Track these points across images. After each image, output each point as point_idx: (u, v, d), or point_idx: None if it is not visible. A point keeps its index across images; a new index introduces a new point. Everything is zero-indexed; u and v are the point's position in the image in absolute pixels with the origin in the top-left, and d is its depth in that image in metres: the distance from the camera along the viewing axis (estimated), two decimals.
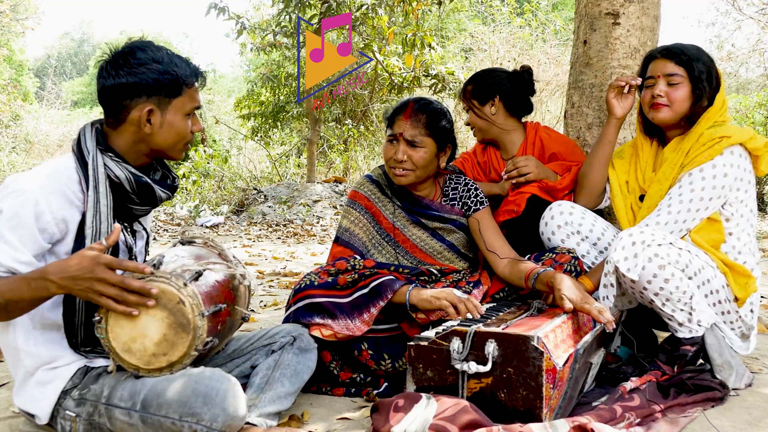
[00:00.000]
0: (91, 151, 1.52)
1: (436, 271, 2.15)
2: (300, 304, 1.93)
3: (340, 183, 10.59)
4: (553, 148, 2.50)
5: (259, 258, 5.66)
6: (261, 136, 12.53)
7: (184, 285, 1.43)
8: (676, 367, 1.93)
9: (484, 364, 1.55)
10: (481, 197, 2.24)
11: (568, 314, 1.81)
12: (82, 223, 1.49)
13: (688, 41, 2.17)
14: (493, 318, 1.78)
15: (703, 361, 1.94)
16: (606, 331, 1.83)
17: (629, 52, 2.64)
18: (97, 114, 18.70)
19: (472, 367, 1.55)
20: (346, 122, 11.92)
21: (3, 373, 2.13)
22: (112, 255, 1.53)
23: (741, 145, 2.00)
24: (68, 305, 1.48)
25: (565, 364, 1.60)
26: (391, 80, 9.28)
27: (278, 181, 11.90)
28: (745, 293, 2.02)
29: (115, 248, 1.55)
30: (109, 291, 1.36)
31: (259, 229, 8.41)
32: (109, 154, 1.53)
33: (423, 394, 1.55)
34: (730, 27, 13.37)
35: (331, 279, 1.97)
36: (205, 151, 11.48)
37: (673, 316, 1.93)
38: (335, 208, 9.33)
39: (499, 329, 1.60)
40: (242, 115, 12.79)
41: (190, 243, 1.73)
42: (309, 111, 10.38)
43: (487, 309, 1.94)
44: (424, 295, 1.87)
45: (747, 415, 1.75)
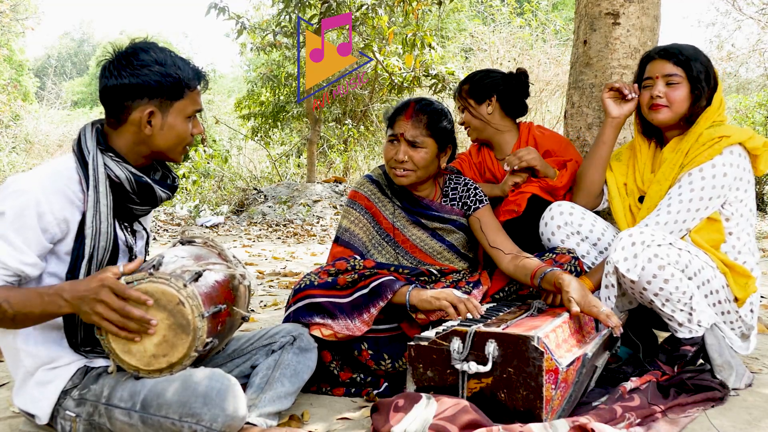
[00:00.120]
0: (91, 150, 1.52)
1: (435, 272, 2.15)
2: (300, 304, 1.93)
3: (340, 183, 10.58)
4: (546, 146, 2.50)
5: (259, 258, 5.66)
6: (261, 136, 12.53)
7: (184, 286, 1.43)
8: (676, 367, 1.92)
9: (485, 364, 1.55)
10: (481, 195, 2.23)
11: (570, 315, 1.81)
12: (82, 223, 1.49)
13: (688, 41, 2.17)
14: (493, 318, 1.78)
15: (703, 361, 1.94)
16: (613, 335, 1.83)
17: (629, 52, 2.64)
18: (98, 114, 18.72)
19: (472, 367, 1.55)
20: (346, 122, 11.92)
21: (3, 373, 2.13)
22: (112, 255, 1.54)
23: (740, 144, 2.01)
24: None
25: (570, 366, 1.60)
26: (391, 80, 9.27)
27: (278, 181, 11.90)
28: (745, 293, 2.02)
29: (115, 248, 1.55)
30: (110, 315, 1.37)
31: (259, 229, 8.41)
32: (110, 154, 1.53)
33: (423, 394, 1.55)
34: (730, 27, 13.38)
35: (331, 279, 1.97)
36: (205, 151, 11.47)
37: (673, 317, 1.93)
38: (335, 208, 9.33)
39: (499, 329, 1.59)
40: (242, 115, 12.79)
41: (189, 243, 1.73)
42: (309, 111, 10.38)
43: (487, 309, 1.94)
44: (424, 296, 1.87)
45: (747, 415, 1.75)
